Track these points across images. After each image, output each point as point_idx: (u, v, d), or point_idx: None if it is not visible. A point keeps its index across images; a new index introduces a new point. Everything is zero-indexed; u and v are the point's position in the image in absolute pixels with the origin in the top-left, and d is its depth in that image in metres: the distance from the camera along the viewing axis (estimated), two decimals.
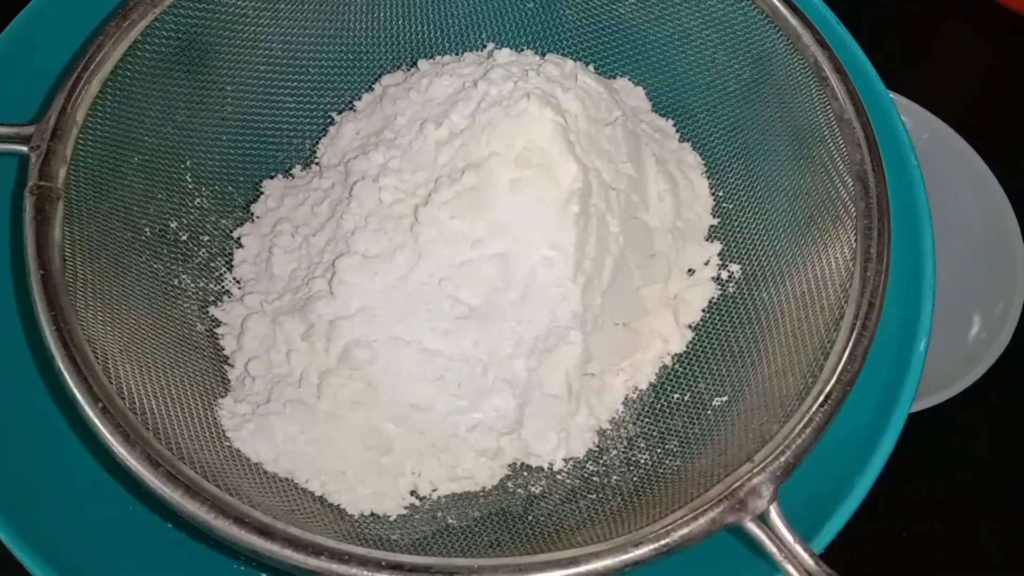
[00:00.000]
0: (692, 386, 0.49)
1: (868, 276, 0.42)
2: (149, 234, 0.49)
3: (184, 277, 0.50)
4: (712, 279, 0.52)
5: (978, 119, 0.74)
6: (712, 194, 0.55)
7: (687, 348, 0.51)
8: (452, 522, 0.45)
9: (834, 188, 0.46)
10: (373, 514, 0.45)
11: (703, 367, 0.50)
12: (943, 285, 0.48)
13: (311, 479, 0.45)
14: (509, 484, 0.48)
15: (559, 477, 0.48)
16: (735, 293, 0.51)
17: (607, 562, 0.35)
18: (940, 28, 0.82)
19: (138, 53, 0.47)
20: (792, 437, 0.38)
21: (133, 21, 0.46)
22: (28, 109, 0.47)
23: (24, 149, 0.42)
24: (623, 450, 0.48)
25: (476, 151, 0.48)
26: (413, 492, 0.46)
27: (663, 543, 0.35)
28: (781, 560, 0.35)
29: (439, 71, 0.53)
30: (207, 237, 0.53)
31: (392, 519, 0.45)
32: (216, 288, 0.52)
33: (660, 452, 0.47)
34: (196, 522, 0.35)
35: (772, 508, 0.36)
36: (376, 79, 0.58)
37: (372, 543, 0.38)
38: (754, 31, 0.51)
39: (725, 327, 0.50)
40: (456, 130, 0.49)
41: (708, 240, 0.54)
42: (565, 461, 0.48)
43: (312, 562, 0.34)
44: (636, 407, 0.50)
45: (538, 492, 0.47)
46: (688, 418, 0.48)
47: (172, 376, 0.44)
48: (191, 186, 0.52)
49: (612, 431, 0.49)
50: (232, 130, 0.54)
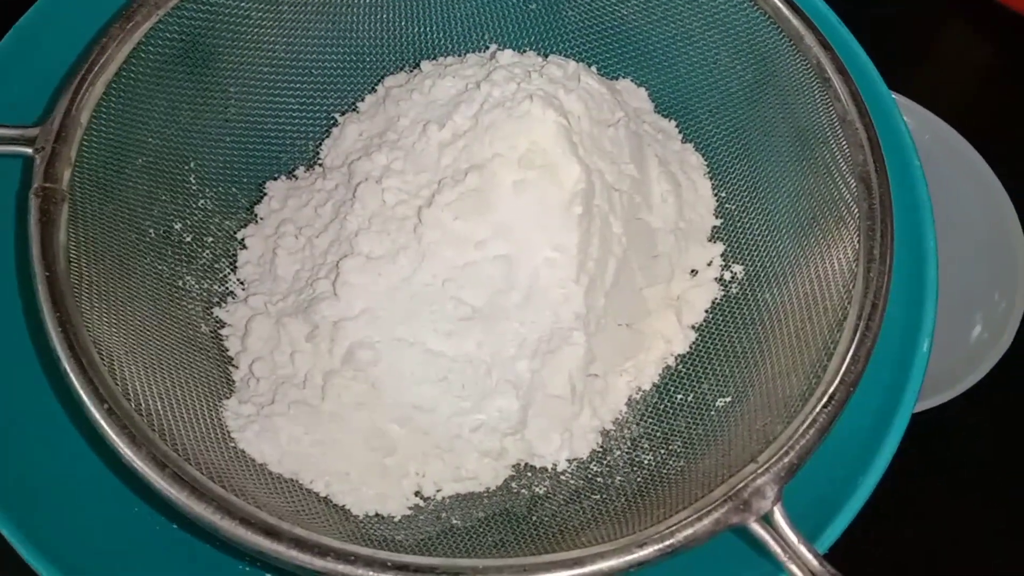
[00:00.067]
0: (695, 387, 0.49)
1: (871, 277, 0.42)
2: (153, 235, 0.49)
3: (188, 278, 0.51)
4: (715, 280, 0.52)
5: (979, 119, 0.74)
6: (715, 195, 0.55)
7: (690, 349, 0.51)
8: (456, 523, 0.46)
9: (837, 189, 0.46)
10: (377, 515, 0.45)
11: (706, 368, 0.50)
12: (945, 285, 0.48)
13: (315, 480, 0.45)
14: (513, 485, 0.48)
15: (563, 478, 0.48)
16: (738, 294, 0.51)
17: (612, 563, 0.35)
18: (940, 28, 0.82)
19: (142, 55, 0.47)
20: (796, 438, 0.38)
21: (137, 23, 0.46)
22: (32, 111, 0.47)
23: (29, 151, 0.42)
24: (627, 451, 0.48)
25: (479, 152, 0.48)
26: (417, 493, 0.46)
27: (667, 544, 0.35)
28: (785, 560, 0.35)
29: (442, 72, 0.53)
30: (211, 238, 0.53)
31: (396, 520, 0.45)
32: (220, 289, 0.52)
33: (664, 453, 0.47)
34: (202, 523, 0.35)
35: (776, 509, 0.36)
36: (379, 80, 0.58)
37: (377, 544, 0.39)
38: (756, 32, 0.51)
39: (728, 328, 0.50)
40: (459, 131, 0.49)
41: (711, 241, 0.54)
42: (569, 462, 0.48)
43: (318, 563, 0.34)
44: (639, 408, 0.50)
45: (542, 493, 0.47)
46: (692, 419, 0.48)
47: (177, 377, 0.44)
48: (195, 187, 0.52)
49: (615, 432, 0.49)
50: (236, 132, 0.54)
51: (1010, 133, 0.76)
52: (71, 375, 0.37)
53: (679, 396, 0.50)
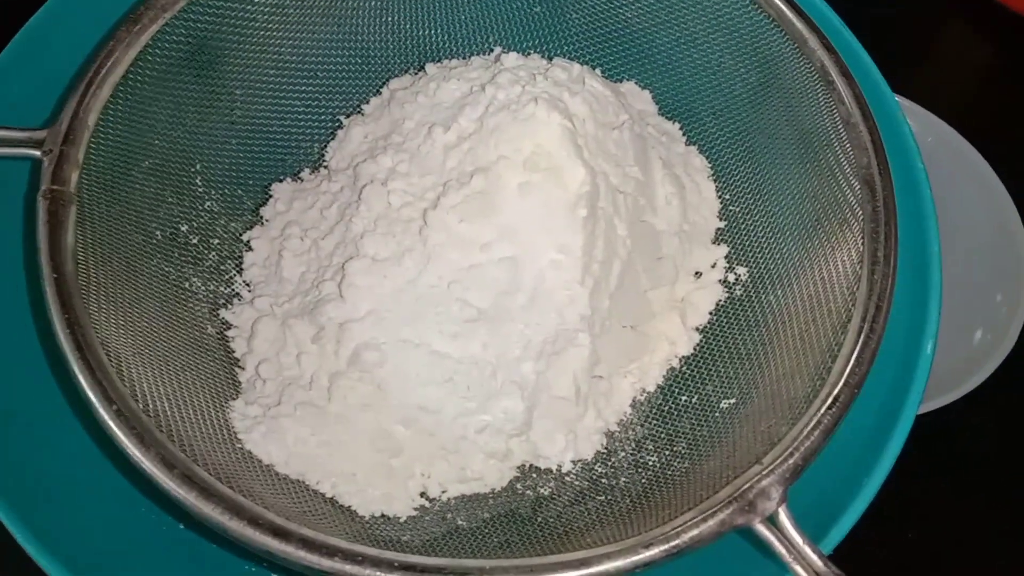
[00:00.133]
0: (700, 388, 0.49)
1: (875, 279, 0.42)
2: (160, 237, 0.49)
3: (195, 280, 0.51)
4: (719, 282, 0.52)
5: (980, 120, 0.74)
6: (719, 197, 0.55)
7: (694, 351, 0.51)
8: (462, 523, 0.46)
9: (841, 191, 0.46)
10: (383, 515, 0.45)
11: (710, 370, 0.50)
12: (948, 287, 0.48)
13: (322, 481, 0.45)
14: (518, 486, 0.48)
15: (567, 479, 0.48)
16: (742, 296, 0.51)
17: (618, 563, 0.35)
18: (940, 29, 0.82)
19: (149, 58, 0.47)
20: (801, 439, 0.38)
21: (144, 26, 0.47)
22: (40, 114, 0.48)
23: (37, 153, 0.43)
24: (631, 452, 0.48)
25: (484, 155, 0.48)
26: (423, 494, 0.46)
27: (673, 544, 0.35)
28: (790, 561, 0.35)
29: (447, 75, 0.54)
30: (217, 240, 0.53)
31: (402, 520, 0.45)
32: (226, 291, 0.52)
33: (668, 454, 0.47)
34: (211, 524, 0.35)
35: (781, 510, 0.36)
36: (384, 83, 0.58)
37: (383, 544, 0.39)
38: (760, 35, 0.51)
39: (732, 330, 0.50)
40: (464, 134, 0.50)
41: (715, 243, 0.54)
42: (573, 463, 0.48)
43: (326, 563, 0.35)
44: (644, 409, 0.50)
45: (547, 494, 0.48)
46: (696, 420, 0.48)
47: (184, 378, 0.44)
48: (201, 189, 0.53)
49: (620, 433, 0.49)
50: (241, 134, 0.54)
51: (1011, 134, 0.76)
52: (80, 376, 0.38)
53: (683, 398, 0.50)
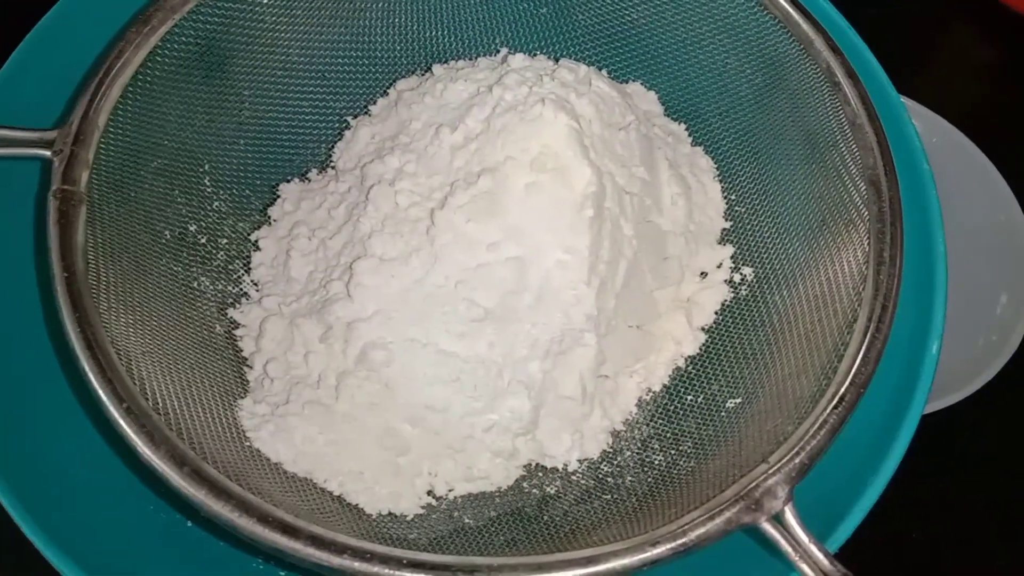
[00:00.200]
0: (705, 388, 0.50)
1: (881, 279, 0.42)
2: (169, 237, 0.50)
3: (203, 279, 0.51)
4: (724, 282, 0.53)
5: (983, 120, 0.74)
6: (724, 198, 0.55)
7: (700, 350, 0.51)
8: (468, 522, 0.46)
9: (846, 192, 0.47)
10: (391, 514, 0.45)
11: (716, 369, 0.50)
12: (953, 288, 0.48)
13: (329, 479, 0.45)
14: (524, 485, 0.48)
15: (574, 478, 0.48)
16: (748, 296, 0.52)
17: (625, 561, 0.35)
18: (943, 29, 0.82)
19: (158, 58, 0.47)
20: (807, 438, 0.38)
21: (153, 27, 0.47)
22: (51, 114, 0.48)
23: (47, 153, 0.43)
24: (637, 451, 0.49)
25: (491, 155, 0.48)
26: (430, 492, 0.47)
27: (680, 542, 0.36)
28: (796, 560, 0.35)
29: (454, 76, 0.54)
30: (225, 240, 0.53)
31: (409, 519, 0.45)
32: (234, 290, 0.52)
33: (674, 453, 0.47)
34: (221, 521, 0.36)
35: (787, 508, 0.36)
36: (391, 84, 0.58)
37: (390, 542, 0.39)
38: (766, 36, 0.51)
39: (738, 330, 0.51)
40: (471, 135, 0.50)
41: (720, 243, 0.54)
42: (579, 462, 0.48)
43: (335, 560, 0.35)
44: (649, 409, 0.50)
45: (553, 492, 0.48)
46: (702, 420, 0.48)
47: (193, 377, 0.45)
48: (209, 190, 0.53)
49: (626, 432, 0.49)
50: (249, 134, 0.55)
51: (1015, 134, 0.76)
52: (90, 374, 0.38)
53: (689, 397, 0.50)
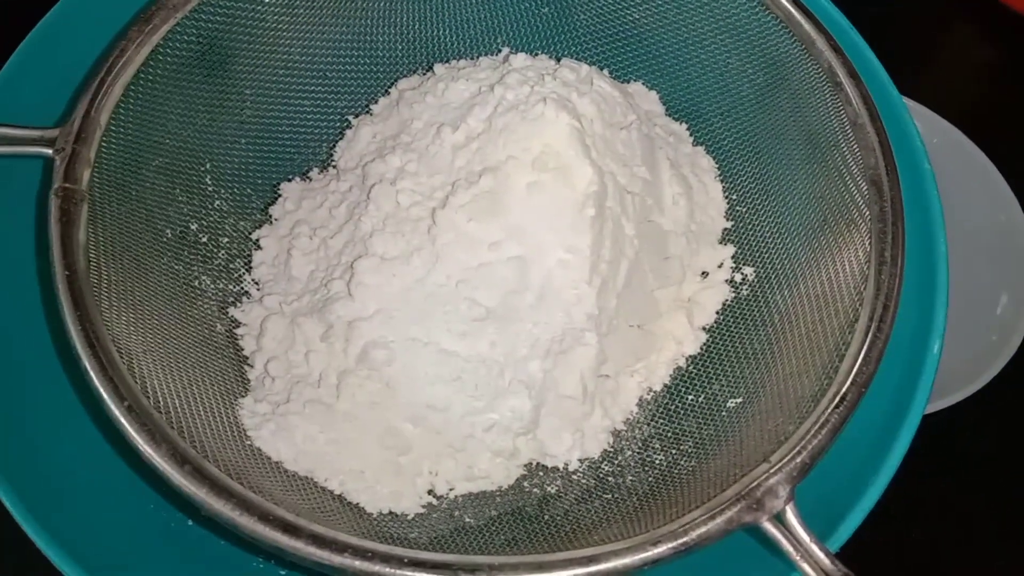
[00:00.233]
0: (706, 388, 0.50)
1: (883, 279, 0.42)
2: (170, 236, 0.50)
3: (204, 278, 0.51)
4: (726, 282, 0.53)
5: (983, 120, 0.74)
6: (726, 198, 0.55)
7: (701, 350, 0.51)
8: (469, 521, 0.46)
9: (848, 192, 0.47)
10: (391, 513, 0.45)
11: (717, 369, 0.50)
12: (954, 288, 0.48)
13: (330, 478, 0.45)
14: (525, 484, 0.48)
15: (574, 477, 0.48)
16: (749, 296, 0.52)
17: (626, 560, 0.35)
18: (943, 29, 0.82)
19: (160, 57, 0.47)
20: (808, 438, 0.38)
21: (155, 26, 0.47)
22: (52, 113, 0.48)
23: (49, 152, 0.43)
24: (638, 451, 0.49)
25: (493, 155, 0.48)
26: (430, 491, 0.47)
27: (681, 542, 0.36)
28: (797, 559, 0.35)
29: (455, 75, 0.54)
30: (226, 239, 0.53)
31: (410, 518, 0.45)
32: (235, 289, 0.52)
33: (675, 453, 0.47)
34: (222, 520, 0.36)
35: (788, 508, 0.36)
36: (392, 83, 0.58)
37: (391, 541, 0.39)
38: (768, 36, 0.51)
39: (739, 329, 0.51)
40: (473, 134, 0.50)
41: (722, 243, 0.54)
42: (580, 461, 0.48)
43: (336, 559, 0.35)
44: (650, 408, 0.50)
45: (553, 492, 0.48)
46: (702, 419, 0.48)
47: (194, 376, 0.45)
48: (210, 188, 0.53)
49: (627, 432, 0.49)
50: (251, 133, 0.55)
51: (1016, 134, 0.76)
52: (91, 372, 0.38)
53: (690, 397, 0.50)
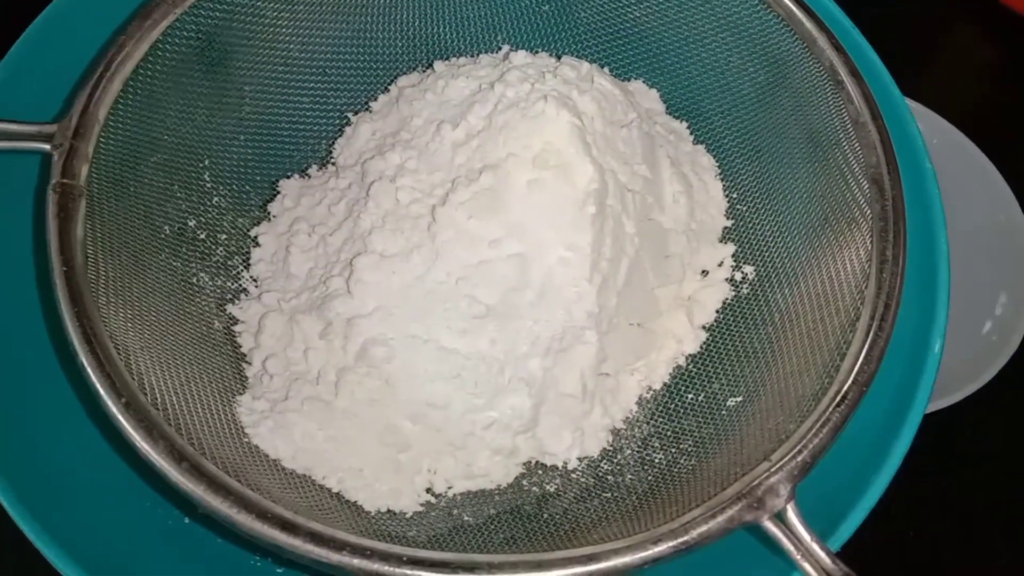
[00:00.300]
0: (706, 386, 0.50)
1: (884, 278, 0.42)
2: (168, 232, 0.49)
3: (202, 275, 0.51)
4: (726, 280, 0.52)
5: (983, 121, 0.74)
6: (726, 196, 0.55)
7: (701, 349, 0.51)
8: (468, 519, 0.46)
9: (849, 191, 0.46)
10: (390, 511, 0.45)
11: (717, 368, 0.50)
12: (953, 288, 0.48)
13: (328, 476, 0.45)
14: (524, 482, 0.48)
15: (573, 476, 0.48)
16: (749, 295, 0.51)
17: (626, 559, 0.35)
18: (944, 30, 0.82)
19: (159, 53, 0.47)
20: (809, 437, 0.38)
21: (155, 21, 0.47)
22: (51, 108, 0.48)
23: (47, 147, 0.43)
24: (637, 449, 0.48)
25: (493, 152, 0.48)
26: (429, 489, 0.46)
27: (682, 540, 0.35)
28: (798, 559, 0.35)
29: (455, 73, 0.54)
30: (224, 236, 0.53)
31: (408, 516, 0.45)
32: (233, 286, 0.52)
33: (675, 452, 0.47)
34: (219, 517, 0.35)
35: (789, 507, 0.36)
36: (392, 80, 0.58)
37: (389, 540, 0.38)
38: (769, 35, 0.51)
39: (739, 328, 0.50)
40: (473, 131, 0.50)
41: (722, 242, 0.54)
42: (579, 460, 0.48)
43: (334, 557, 0.35)
44: (650, 407, 0.50)
45: (552, 490, 0.48)
46: (702, 418, 0.48)
47: (191, 373, 0.45)
48: (209, 185, 0.53)
49: (626, 431, 0.49)
50: (250, 130, 0.54)
51: (1015, 135, 0.76)
52: (88, 369, 0.38)
53: (690, 396, 0.50)
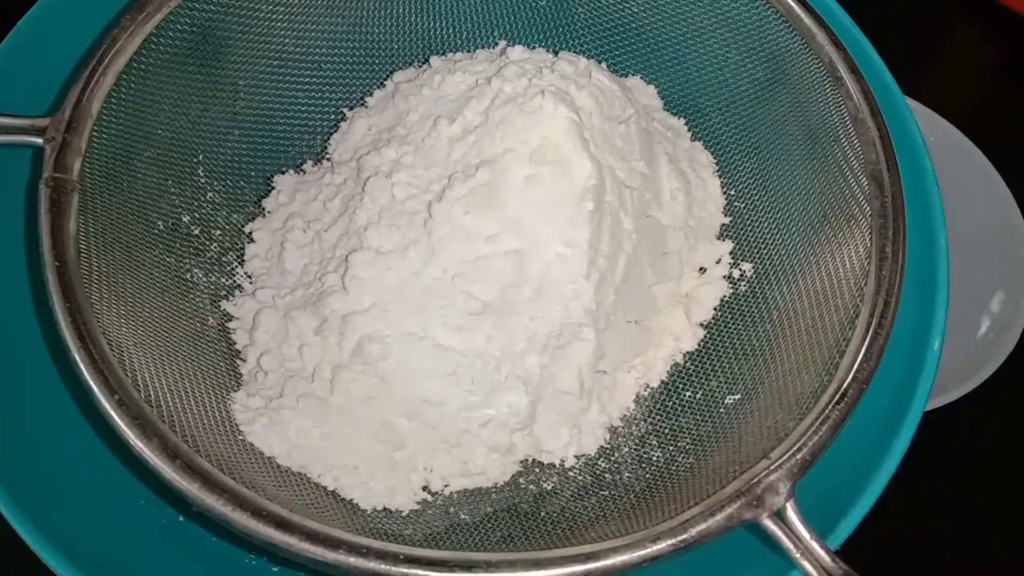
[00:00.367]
0: (704, 384, 0.49)
1: (884, 275, 0.42)
2: (162, 227, 0.49)
3: (196, 271, 0.50)
4: (724, 277, 0.52)
5: (982, 120, 0.74)
6: (724, 193, 0.55)
7: (699, 346, 0.51)
8: (464, 517, 0.45)
9: (848, 187, 0.46)
10: (385, 509, 0.45)
11: (715, 365, 0.50)
12: (952, 286, 0.48)
13: (324, 473, 0.44)
14: (521, 480, 0.47)
15: (571, 474, 0.48)
16: (747, 292, 0.51)
17: (625, 557, 0.35)
18: (944, 30, 0.82)
19: (153, 46, 0.47)
20: (808, 434, 0.38)
21: (148, 14, 0.46)
22: (43, 101, 0.47)
23: (39, 141, 0.42)
24: (635, 447, 0.48)
25: (490, 147, 0.48)
26: (425, 487, 0.46)
27: (681, 538, 0.35)
28: (798, 557, 0.35)
29: (451, 68, 0.53)
30: (219, 231, 0.53)
31: (404, 514, 0.45)
32: (228, 283, 0.52)
33: (672, 450, 0.47)
34: (214, 515, 0.35)
35: (789, 505, 0.36)
36: (388, 75, 0.58)
37: (385, 538, 0.38)
38: (768, 31, 0.51)
39: (737, 325, 0.50)
40: (470, 127, 0.49)
41: (720, 239, 0.54)
42: (577, 458, 0.48)
43: (330, 555, 0.34)
44: (648, 405, 0.50)
45: (549, 488, 0.47)
46: (700, 416, 0.48)
47: (185, 369, 0.44)
48: (203, 180, 0.52)
49: (624, 428, 0.49)
50: (244, 125, 0.54)
51: (1013, 134, 0.76)
52: (81, 365, 0.37)
53: (687, 393, 0.49)
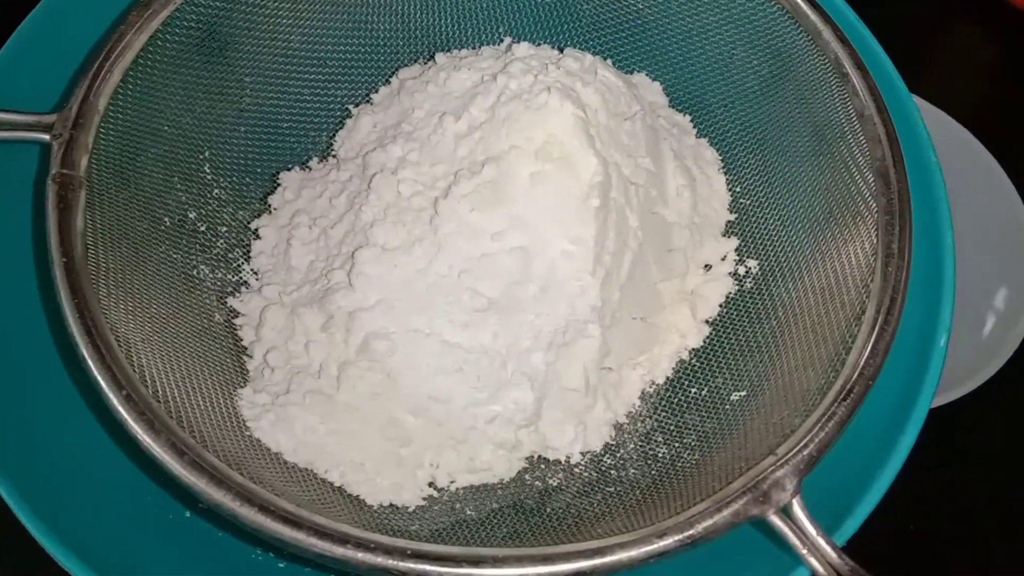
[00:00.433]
0: (709, 381, 0.49)
1: (890, 272, 0.42)
2: (168, 224, 0.49)
3: (203, 268, 0.51)
4: (729, 274, 0.52)
5: (986, 117, 0.74)
6: (729, 190, 0.55)
7: (704, 343, 0.51)
8: (470, 514, 0.45)
9: (854, 184, 0.46)
10: (392, 505, 0.45)
11: (720, 362, 0.50)
12: (957, 283, 0.48)
13: (330, 470, 0.45)
14: (527, 477, 0.48)
15: (576, 470, 0.48)
16: (752, 289, 0.51)
17: (632, 553, 0.35)
18: (946, 28, 0.82)
19: (159, 43, 0.47)
20: (815, 431, 0.38)
21: (155, 11, 0.46)
22: (50, 98, 0.47)
23: (46, 137, 0.42)
24: (640, 444, 0.48)
25: (496, 144, 0.48)
26: (431, 484, 0.46)
27: (687, 534, 0.35)
28: (804, 553, 0.35)
29: (457, 65, 0.53)
30: (225, 228, 0.53)
31: (411, 510, 0.45)
32: (234, 279, 0.52)
33: (678, 446, 0.47)
34: (222, 510, 0.35)
35: (795, 501, 0.36)
36: (393, 72, 0.58)
37: (392, 534, 0.38)
38: (773, 27, 0.51)
39: (743, 322, 0.50)
40: (475, 123, 0.49)
41: (725, 236, 0.54)
42: (582, 454, 0.48)
43: (338, 550, 0.34)
44: (653, 401, 0.50)
45: (555, 485, 0.47)
46: (706, 413, 0.48)
47: (192, 365, 0.44)
48: (209, 177, 0.52)
49: (629, 425, 0.49)
50: (250, 122, 0.54)
51: (1018, 131, 0.76)
52: (89, 361, 0.37)
53: (693, 390, 0.50)
